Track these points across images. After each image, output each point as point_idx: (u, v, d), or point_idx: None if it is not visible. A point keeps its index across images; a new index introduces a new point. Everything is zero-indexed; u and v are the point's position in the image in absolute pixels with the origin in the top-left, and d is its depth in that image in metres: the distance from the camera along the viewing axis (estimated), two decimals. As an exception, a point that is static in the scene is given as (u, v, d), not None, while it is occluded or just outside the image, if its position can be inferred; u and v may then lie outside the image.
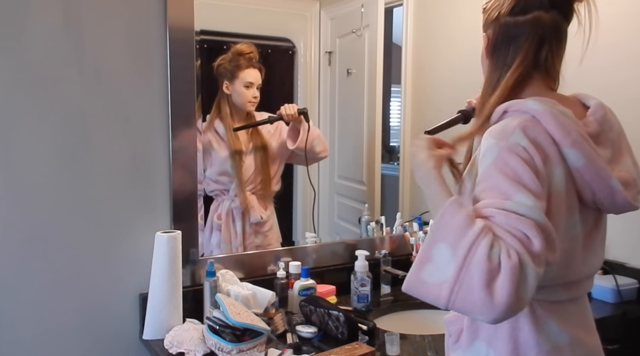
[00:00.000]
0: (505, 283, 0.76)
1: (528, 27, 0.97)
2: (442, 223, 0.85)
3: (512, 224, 0.80)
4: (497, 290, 0.76)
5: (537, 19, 0.97)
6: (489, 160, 0.87)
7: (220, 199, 1.90)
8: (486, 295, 0.76)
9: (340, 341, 1.46)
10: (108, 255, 1.56)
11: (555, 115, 0.90)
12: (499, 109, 0.96)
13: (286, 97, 2.05)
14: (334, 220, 2.22)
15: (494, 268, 0.77)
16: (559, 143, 0.89)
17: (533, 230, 0.79)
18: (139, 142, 1.58)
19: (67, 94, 1.48)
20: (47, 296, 1.50)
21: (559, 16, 0.98)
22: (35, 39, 1.43)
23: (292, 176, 2.09)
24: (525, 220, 0.80)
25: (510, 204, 0.82)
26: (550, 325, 0.95)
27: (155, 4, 1.56)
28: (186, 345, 1.40)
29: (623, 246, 1.05)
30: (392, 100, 2.28)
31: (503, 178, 0.84)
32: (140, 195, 1.59)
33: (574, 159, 0.90)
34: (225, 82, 1.88)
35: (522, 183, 0.83)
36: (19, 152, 1.44)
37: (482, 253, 0.77)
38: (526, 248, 0.78)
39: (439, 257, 0.83)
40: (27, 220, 1.46)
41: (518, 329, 0.94)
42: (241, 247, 1.92)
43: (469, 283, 0.78)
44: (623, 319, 1.78)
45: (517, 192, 0.82)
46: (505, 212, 0.81)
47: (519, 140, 0.87)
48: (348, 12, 2.20)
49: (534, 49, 0.97)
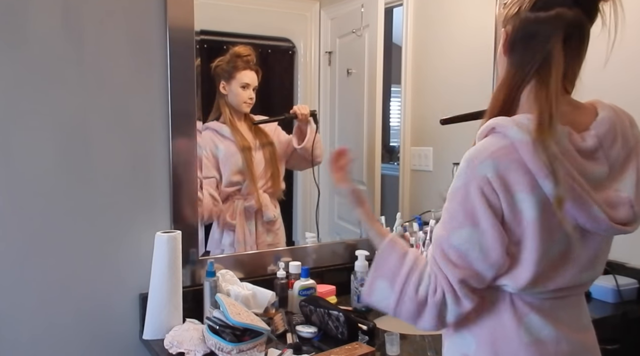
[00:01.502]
0: (430, 314, 0.95)
1: (549, 24, 0.93)
2: (380, 262, 1.02)
3: (446, 270, 0.93)
4: (424, 319, 0.96)
5: (559, 15, 0.92)
6: (457, 183, 0.93)
7: (232, 200, 1.90)
8: (417, 321, 0.97)
9: (340, 341, 1.46)
10: (108, 255, 1.56)
11: (531, 146, 0.88)
12: (488, 125, 0.94)
13: (286, 97, 2.05)
14: (334, 220, 2.22)
15: (421, 302, 0.95)
16: (534, 173, 0.88)
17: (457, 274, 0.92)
18: (139, 142, 1.58)
19: (67, 94, 1.48)
20: (47, 297, 1.50)
21: (582, 14, 0.93)
22: (36, 39, 1.43)
23: (292, 176, 2.09)
24: (456, 261, 0.92)
25: (454, 239, 0.92)
26: (531, 317, 0.96)
27: (155, 4, 1.56)
28: (186, 345, 1.40)
29: (623, 246, 1.04)
30: (392, 100, 2.28)
31: (460, 208, 0.92)
32: (140, 195, 1.59)
33: (550, 189, 0.88)
34: (222, 82, 1.89)
35: (474, 218, 0.90)
36: (18, 152, 1.44)
37: (411, 290, 0.96)
38: (451, 292, 0.93)
39: (380, 290, 1.00)
40: (27, 220, 1.46)
41: (498, 319, 0.97)
42: (254, 246, 1.93)
43: (405, 311, 0.98)
44: (623, 319, 1.78)
45: (466, 227, 0.91)
46: (445, 250, 0.93)
47: (486, 171, 0.89)
48: (348, 12, 2.20)
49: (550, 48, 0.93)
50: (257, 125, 1.96)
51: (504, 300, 0.97)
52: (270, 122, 1.99)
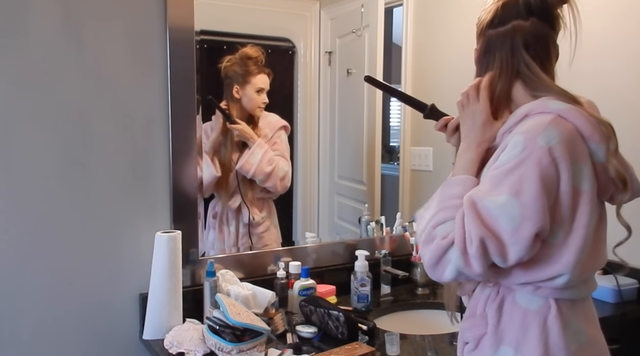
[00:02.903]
0: (427, 253, 0.93)
1: (507, 36, 1.01)
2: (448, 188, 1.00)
3: (469, 220, 0.89)
4: (424, 255, 0.94)
5: (516, 28, 1.00)
6: (511, 154, 0.90)
7: (218, 198, 1.91)
8: (422, 251, 0.96)
9: (340, 341, 1.46)
10: (108, 255, 1.56)
11: (580, 112, 0.92)
12: (519, 113, 0.97)
13: (286, 97, 2.05)
14: (334, 220, 2.22)
15: (433, 236, 0.93)
16: (587, 139, 0.91)
17: (479, 233, 0.87)
18: (139, 142, 1.58)
19: (68, 94, 1.48)
20: (47, 296, 1.50)
21: (540, 22, 1.00)
22: (36, 39, 1.43)
23: (292, 176, 2.09)
24: (484, 220, 0.88)
25: (489, 201, 0.89)
26: (573, 324, 0.95)
27: (155, 4, 1.56)
28: (186, 345, 1.40)
29: (623, 246, 1.05)
30: (392, 100, 2.28)
31: (506, 177, 0.89)
32: (140, 195, 1.59)
33: (601, 155, 0.93)
34: (235, 86, 1.89)
35: (519, 187, 0.87)
36: (19, 152, 1.44)
37: (436, 220, 0.94)
38: (462, 243, 0.89)
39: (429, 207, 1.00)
40: (27, 220, 1.46)
41: (547, 331, 0.94)
42: (234, 247, 1.92)
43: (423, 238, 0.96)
44: (623, 319, 1.77)
45: (505, 193, 0.88)
46: (477, 205, 0.89)
47: (549, 139, 0.89)
48: (348, 12, 2.20)
49: (508, 58, 1.01)
50: None
51: (549, 308, 0.95)
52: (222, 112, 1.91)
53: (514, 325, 0.96)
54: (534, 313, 0.95)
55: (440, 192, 1.00)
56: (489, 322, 0.98)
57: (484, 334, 0.99)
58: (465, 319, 1.05)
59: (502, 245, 0.88)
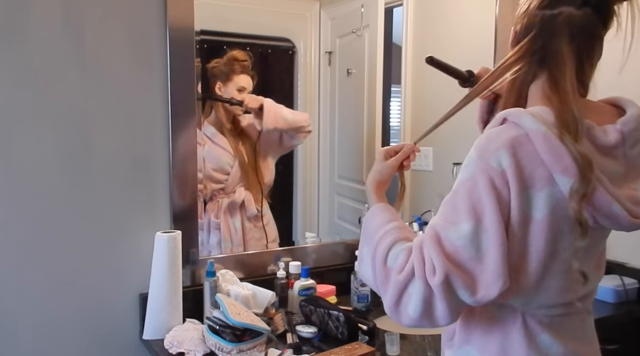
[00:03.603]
0: (390, 292, 0.85)
1: (553, 22, 0.89)
2: (365, 227, 0.97)
3: (431, 251, 0.83)
4: (385, 297, 0.87)
5: (566, 14, 0.89)
6: (465, 175, 0.86)
7: (217, 199, 1.91)
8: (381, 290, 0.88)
9: (340, 341, 1.46)
10: (108, 255, 1.56)
11: (549, 138, 0.83)
12: (499, 116, 0.90)
13: (286, 97, 2.05)
14: (334, 220, 2.22)
15: (387, 274, 0.87)
16: (549, 167, 0.83)
17: (444, 266, 0.81)
18: (139, 142, 1.58)
19: (68, 95, 1.48)
20: (48, 297, 1.50)
21: (592, 15, 0.90)
22: (36, 40, 1.43)
23: (292, 175, 2.09)
24: (448, 253, 0.82)
25: (452, 233, 0.83)
26: (542, 338, 0.91)
27: (155, 4, 1.56)
28: (186, 345, 1.40)
29: (623, 246, 1.04)
30: (392, 100, 2.28)
31: (464, 201, 0.84)
32: (140, 195, 1.59)
33: (564, 188, 0.83)
34: (218, 83, 1.91)
35: (478, 212, 0.82)
36: (19, 152, 1.44)
37: (379, 257, 0.89)
38: (423, 275, 0.82)
39: (363, 258, 0.95)
40: (27, 220, 1.46)
41: (508, 339, 0.91)
42: (242, 243, 1.92)
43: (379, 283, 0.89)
44: (623, 319, 1.78)
45: (467, 220, 0.83)
46: (440, 235, 0.84)
47: (500, 161, 0.83)
48: (348, 12, 2.20)
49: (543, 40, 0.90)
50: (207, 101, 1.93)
51: (515, 319, 0.91)
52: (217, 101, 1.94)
53: (479, 327, 0.94)
54: (500, 321, 0.92)
55: (364, 228, 0.97)
56: (459, 319, 0.96)
57: (455, 329, 0.99)
58: None
59: (471, 280, 0.82)
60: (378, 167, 1.08)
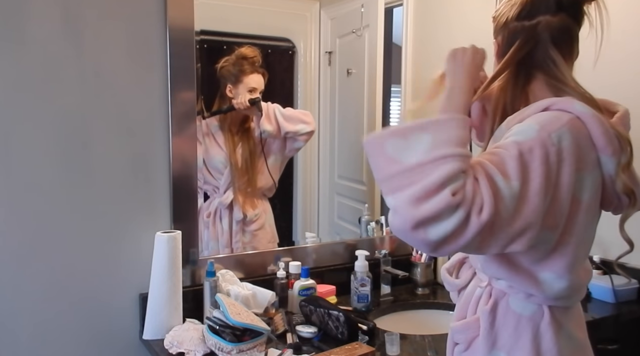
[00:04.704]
0: (429, 209, 0.75)
1: (535, 31, 0.97)
2: (444, 125, 0.83)
3: (484, 190, 0.78)
4: (422, 206, 0.75)
5: (544, 22, 0.96)
6: (519, 137, 0.84)
7: (211, 197, 1.91)
8: (411, 201, 0.77)
9: (340, 341, 1.46)
10: (108, 255, 1.56)
11: (601, 121, 0.89)
12: (540, 104, 0.93)
13: (286, 97, 2.05)
14: (334, 220, 2.22)
15: (437, 189, 0.75)
16: (599, 150, 0.89)
17: (493, 205, 0.76)
18: (139, 142, 1.58)
19: (67, 95, 1.48)
20: (47, 297, 1.50)
21: (567, 19, 0.97)
22: (35, 40, 1.43)
23: (292, 176, 2.09)
24: (497, 193, 0.78)
25: (501, 182, 0.79)
26: (565, 330, 0.95)
27: (155, 4, 1.56)
28: (186, 345, 1.40)
29: (623, 246, 1.04)
30: (392, 100, 2.28)
31: (515, 162, 0.80)
32: (140, 195, 1.59)
33: (611, 167, 0.90)
34: (228, 85, 1.89)
35: (526, 180, 0.80)
36: (19, 152, 1.44)
37: (444, 170, 0.76)
38: (472, 206, 0.76)
39: (414, 142, 0.81)
40: (27, 220, 1.46)
41: (540, 337, 0.93)
42: (228, 245, 1.91)
43: (414, 181, 0.77)
44: (623, 319, 1.78)
45: (515, 180, 0.79)
46: (493, 183, 0.79)
47: (561, 139, 0.84)
48: (348, 12, 2.20)
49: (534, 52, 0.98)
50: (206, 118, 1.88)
51: (542, 314, 0.94)
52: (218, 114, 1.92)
53: (507, 329, 0.95)
54: (527, 318, 0.94)
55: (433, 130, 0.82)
56: (481, 325, 0.97)
57: (476, 336, 0.98)
58: (455, 320, 1.05)
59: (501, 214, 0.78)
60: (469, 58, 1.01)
